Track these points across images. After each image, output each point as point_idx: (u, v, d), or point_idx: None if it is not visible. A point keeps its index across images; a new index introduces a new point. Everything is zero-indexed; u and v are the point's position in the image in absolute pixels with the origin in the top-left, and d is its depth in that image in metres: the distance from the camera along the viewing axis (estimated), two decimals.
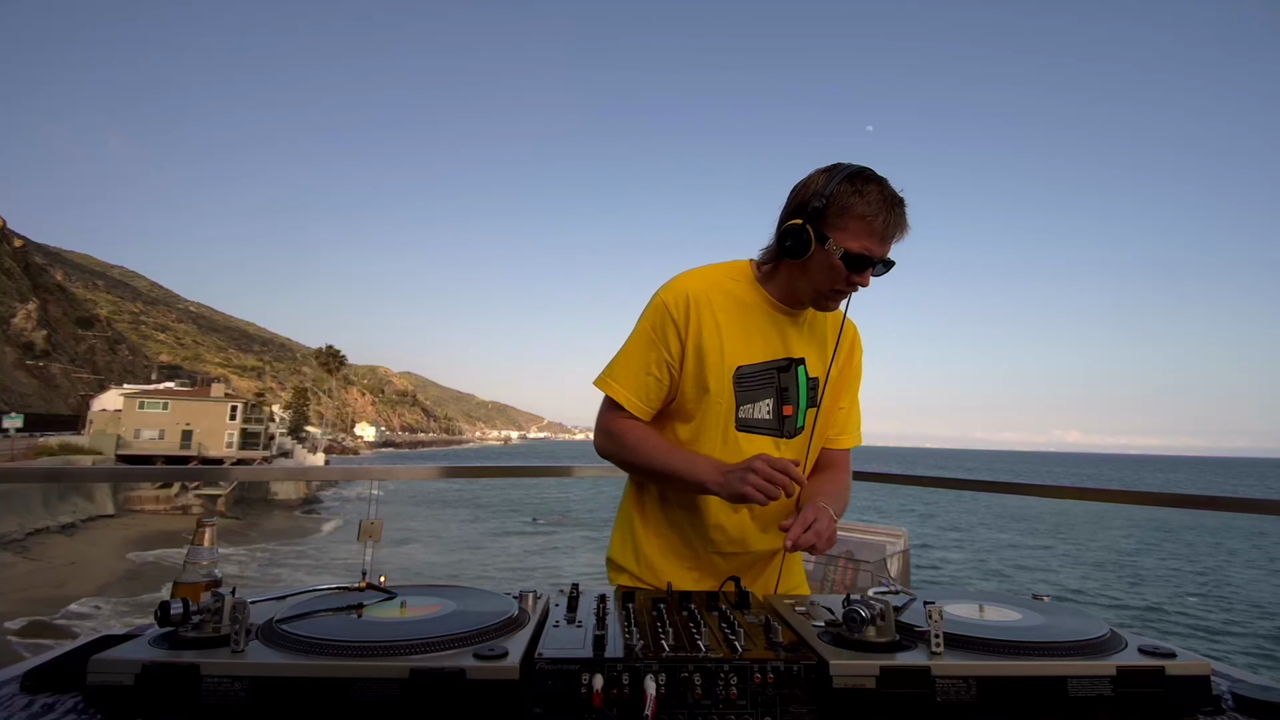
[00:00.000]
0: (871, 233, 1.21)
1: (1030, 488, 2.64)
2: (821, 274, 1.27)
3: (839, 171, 1.24)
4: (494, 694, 0.71)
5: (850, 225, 1.22)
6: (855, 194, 1.21)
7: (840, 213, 1.22)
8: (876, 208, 1.20)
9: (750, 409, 1.33)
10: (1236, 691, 0.82)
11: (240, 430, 47.86)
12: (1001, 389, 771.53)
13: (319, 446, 70.65)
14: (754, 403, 1.33)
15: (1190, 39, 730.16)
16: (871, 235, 1.22)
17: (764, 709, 0.74)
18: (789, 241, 1.26)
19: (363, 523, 2.40)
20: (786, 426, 1.36)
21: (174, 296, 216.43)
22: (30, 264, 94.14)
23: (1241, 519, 19.43)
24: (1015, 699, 0.77)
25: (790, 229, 1.26)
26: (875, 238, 1.22)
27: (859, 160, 1.27)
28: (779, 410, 1.35)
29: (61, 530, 25.45)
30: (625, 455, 1.35)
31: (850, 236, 1.22)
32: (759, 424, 1.34)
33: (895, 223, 1.22)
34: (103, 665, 0.73)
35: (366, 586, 1.00)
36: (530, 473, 2.89)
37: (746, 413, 1.33)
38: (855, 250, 1.22)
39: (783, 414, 1.35)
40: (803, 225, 1.25)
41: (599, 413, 1.40)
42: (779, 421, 1.35)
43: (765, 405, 1.34)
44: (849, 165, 1.26)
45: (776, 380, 1.35)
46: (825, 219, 1.23)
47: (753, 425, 1.34)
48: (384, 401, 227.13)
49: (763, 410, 1.34)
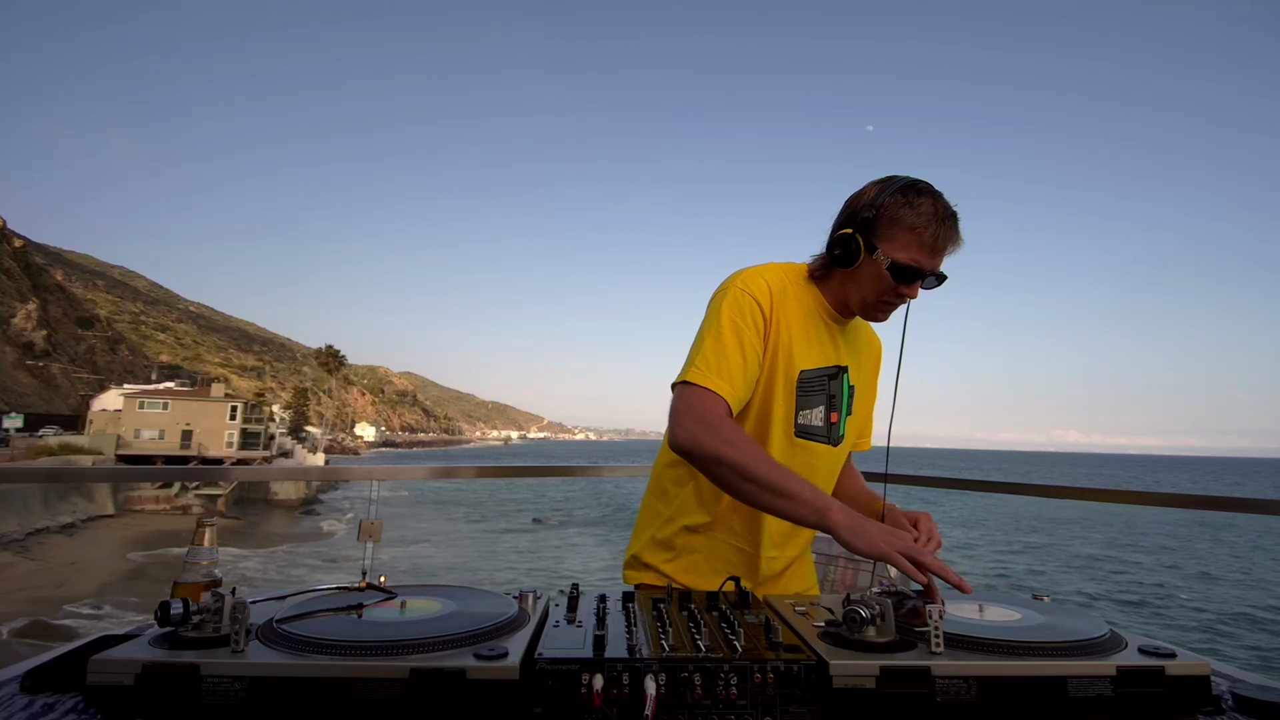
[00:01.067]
0: (921, 245, 1.21)
1: (1030, 488, 2.64)
2: (870, 284, 1.26)
3: (892, 183, 1.24)
4: (494, 694, 0.71)
5: (900, 236, 1.22)
6: (906, 205, 1.21)
7: (890, 224, 1.22)
8: (926, 220, 1.20)
9: (808, 415, 1.32)
10: (1236, 691, 0.82)
11: (240, 430, 47.88)
12: (1001, 389, 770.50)
13: (319, 446, 70.61)
14: (810, 409, 1.33)
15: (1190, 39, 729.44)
16: (921, 248, 1.21)
17: (764, 709, 0.74)
18: (838, 250, 1.26)
19: (363, 523, 2.40)
20: (833, 434, 1.36)
21: (174, 296, 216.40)
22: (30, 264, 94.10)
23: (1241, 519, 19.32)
24: (1015, 699, 0.77)
25: (840, 238, 1.26)
26: (925, 250, 1.21)
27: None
28: (828, 418, 1.35)
29: (61, 530, 25.45)
30: (727, 453, 1.13)
31: (899, 248, 1.22)
32: (814, 431, 1.33)
33: (946, 236, 1.21)
34: (103, 665, 0.73)
35: (366, 586, 1.00)
36: (532, 472, 2.89)
37: (805, 419, 1.32)
38: (903, 261, 1.22)
39: (830, 421, 1.35)
40: (853, 235, 1.24)
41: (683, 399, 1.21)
42: (828, 429, 1.35)
43: (818, 412, 1.33)
44: (903, 177, 1.25)
45: (828, 387, 1.34)
46: (875, 229, 1.23)
47: (809, 432, 1.33)
48: (384, 401, 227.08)
49: (816, 417, 1.33)
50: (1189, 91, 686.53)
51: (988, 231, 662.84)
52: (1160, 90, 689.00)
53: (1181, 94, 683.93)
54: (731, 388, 1.21)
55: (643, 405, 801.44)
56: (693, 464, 1.19)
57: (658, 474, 1.46)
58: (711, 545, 1.35)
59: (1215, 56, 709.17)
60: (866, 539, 1.04)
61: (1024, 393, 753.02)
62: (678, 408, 1.21)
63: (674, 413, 1.21)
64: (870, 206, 1.24)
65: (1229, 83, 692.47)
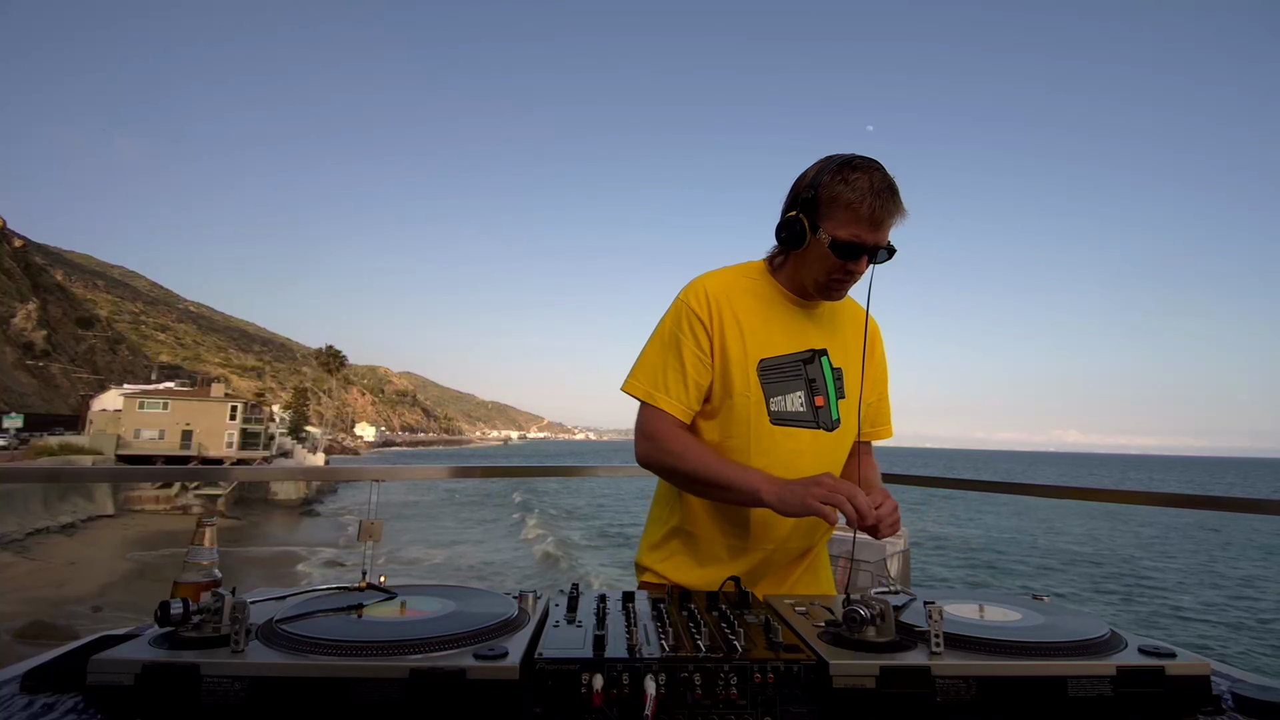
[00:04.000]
0: (859, 219, 1.22)
1: (1030, 488, 2.64)
2: (818, 263, 1.29)
3: (830, 162, 1.26)
4: (494, 694, 0.71)
5: (839, 214, 1.24)
6: (842, 182, 1.23)
7: (829, 201, 1.24)
8: (862, 194, 1.21)
9: (782, 401, 1.33)
10: (1236, 691, 0.82)
11: (240, 430, 47.87)
12: (1001, 389, 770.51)
13: (319, 446, 70.61)
14: (785, 395, 1.33)
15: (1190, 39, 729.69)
16: (859, 222, 1.22)
17: (764, 709, 0.74)
18: (785, 233, 1.29)
19: (362, 523, 2.40)
20: (821, 418, 1.35)
21: (174, 296, 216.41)
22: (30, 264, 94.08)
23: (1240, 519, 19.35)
24: (1015, 699, 0.77)
25: (785, 221, 1.29)
26: (864, 224, 1.22)
27: None
28: (811, 402, 1.35)
29: (61, 530, 25.44)
30: (670, 462, 1.28)
31: (839, 225, 1.24)
32: (794, 417, 1.34)
33: (884, 209, 1.22)
34: (103, 665, 0.73)
35: (366, 586, 1.00)
36: (534, 473, 2.89)
37: (779, 405, 1.33)
38: (844, 238, 1.24)
39: (815, 405, 1.35)
40: (797, 216, 1.27)
41: (638, 419, 1.34)
42: (814, 413, 1.35)
43: (797, 397, 1.34)
44: (841, 155, 1.27)
45: (804, 372, 1.35)
46: (817, 209, 1.26)
47: (787, 418, 1.33)
48: (384, 401, 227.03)
49: (795, 402, 1.34)
50: (1189, 91, 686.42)
51: (988, 231, 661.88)
52: (1160, 90, 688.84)
53: (1182, 93, 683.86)
54: (671, 399, 1.31)
55: None
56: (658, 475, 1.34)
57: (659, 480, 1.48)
58: (703, 544, 1.37)
59: (1215, 56, 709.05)
60: (791, 501, 1.12)
61: (1023, 393, 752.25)
62: (636, 427, 1.34)
63: (636, 432, 1.35)
64: (810, 186, 1.26)
65: (1229, 82, 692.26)
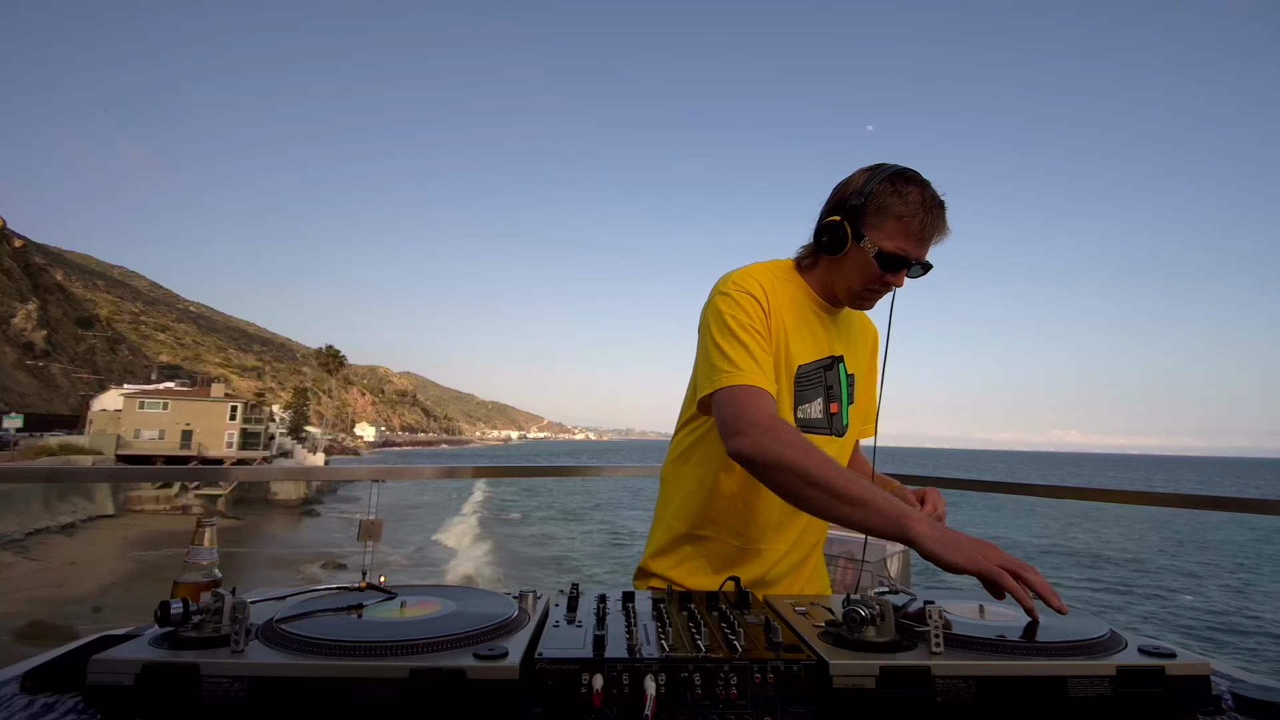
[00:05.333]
0: (908, 234, 1.21)
1: (1030, 488, 2.64)
2: (857, 272, 1.26)
3: (881, 171, 1.24)
4: (494, 694, 0.71)
5: (887, 225, 1.22)
6: (894, 194, 1.21)
7: (878, 211, 1.22)
8: (914, 208, 1.20)
9: (807, 409, 1.32)
10: (1236, 691, 0.82)
11: (240, 430, 47.85)
12: (1001, 389, 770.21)
13: (319, 446, 70.60)
14: (809, 402, 1.32)
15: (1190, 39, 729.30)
16: (908, 236, 1.21)
17: (764, 709, 0.74)
18: (825, 237, 1.27)
19: (362, 523, 2.40)
20: (835, 425, 1.35)
21: (174, 296, 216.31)
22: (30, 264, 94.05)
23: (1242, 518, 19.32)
24: (1015, 699, 0.77)
25: (828, 225, 1.26)
26: (912, 239, 1.21)
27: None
28: (828, 409, 1.34)
29: (61, 530, 25.43)
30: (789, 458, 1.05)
31: (886, 236, 1.22)
32: (814, 424, 1.33)
33: (933, 225, 1.21)
34: (103, 665, 0.73)
35: (366, 586, 1.00)
36: (532, 472, 2.89)
37: (804, 413, 1.32)
38: (890, 250, 1.22)
39: (830, 412, 1.34)
40: (840, 222, 1.25)
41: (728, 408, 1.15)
42: (829, 420, 1.34)
43: (817, 405, 1.33)
44: (892, 165, 1.25)
45: (824, 378, 1.34)
46: (863, 217, 1.23)
47: (810, 426, 1.32)
48: (384, 401, 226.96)
49: (815, 410, 1.33)
50: (1189, 91, 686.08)
51: (988, 231, 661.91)
52: (1160, 89, 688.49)
53: (1181, 93, 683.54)
54: (768, 381, 1.17)
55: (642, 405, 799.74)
56: (752, 471, 1.13)
57: (662, 478, 1.45)
58: (711, 546, 1.34)
59: (1216, 56, 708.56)
60: (959, 551, 0.92)
61: (1024, 393, 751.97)
62: (729, 414, 1.14)
63: (729, 420, 1.13)
64: (859, 194, 1.24)
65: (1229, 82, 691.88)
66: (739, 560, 1.33)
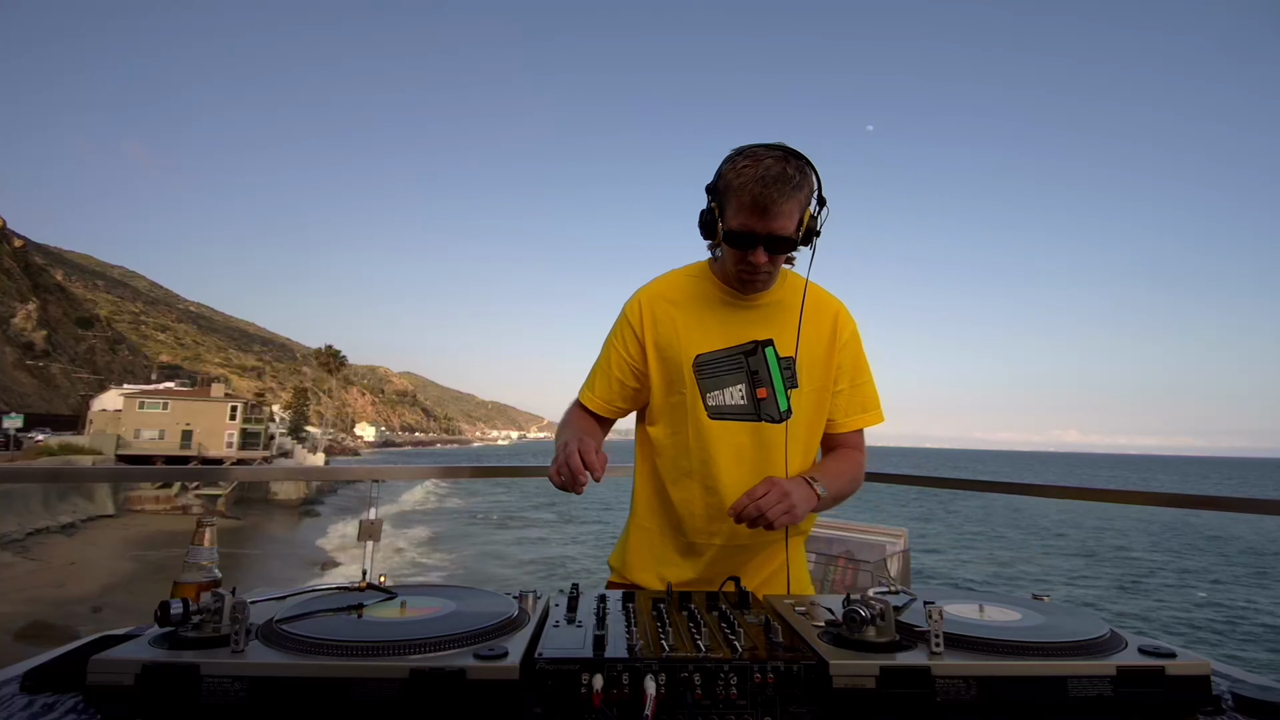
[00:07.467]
0: (743, 208, 1.20)
1: (1030, 488, 2.64)
2: (728, 255, 1.30)
3: (731, 152, 1.25)
4: (494, 694, 0.71)
5: (731, 203, 1.23)
6: (733, 172, 1.21)
7: (725, 192, 1.24)
8: (747, 182, 1.18)
9: (720, 395, 1.34)
10: (1236, 691, 0.82)
11: (240, 430, 47.86)
12: (1001, 389, 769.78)
13: (319, 446, 70.62)
14: (723, 389, 1.34)
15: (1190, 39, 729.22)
16: (746, 212, 1.20)
17: (764, 709, 0.74)
18: (700, 225, 1.30)
19: (362, 523, 2.40)
20: (764, 410, 1.35)
21: (174, 296, 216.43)
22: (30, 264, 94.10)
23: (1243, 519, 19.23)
24: (1015, 699, 0.77)
25: (700, 214, 1.29)
26: (753, 214, 1.20)
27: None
28: (753, 394, 1.34)
29: (61, 530, 25.44)
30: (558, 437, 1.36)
31: (732, 215, 1.23)
32: (732, 410, 1.34)
33: (768, 196, 1.17)
34: (103, 665, 0.73)
35: (366, 586, 1.00)
36: (532, 473, 2.89)
37: (716, 400, 1.34)
38: (734, 228, 1.23)
39: (758, 397, 1.34)
40: (710, 208, 1.27)
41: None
42: (754, 405, 1.35)
43: (737, 390, 1.34)
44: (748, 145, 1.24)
45: (745, 364, 1.35)
46: (720, 200, 1.26)
47: (725, 412, 1.34)
48: (384, 401, 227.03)
49: (735, 396, 1.34)
50: (1189, 90, 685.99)
51: (988, 231, 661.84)
52: (1160, 89, 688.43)
53: (1181, 93, 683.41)
54: (593, 395, 1.42)
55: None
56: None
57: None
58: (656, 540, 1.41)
59: (1215, 56, 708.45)
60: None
61: (1023, 393, 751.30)
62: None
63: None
64: (714, 178, 1.26)
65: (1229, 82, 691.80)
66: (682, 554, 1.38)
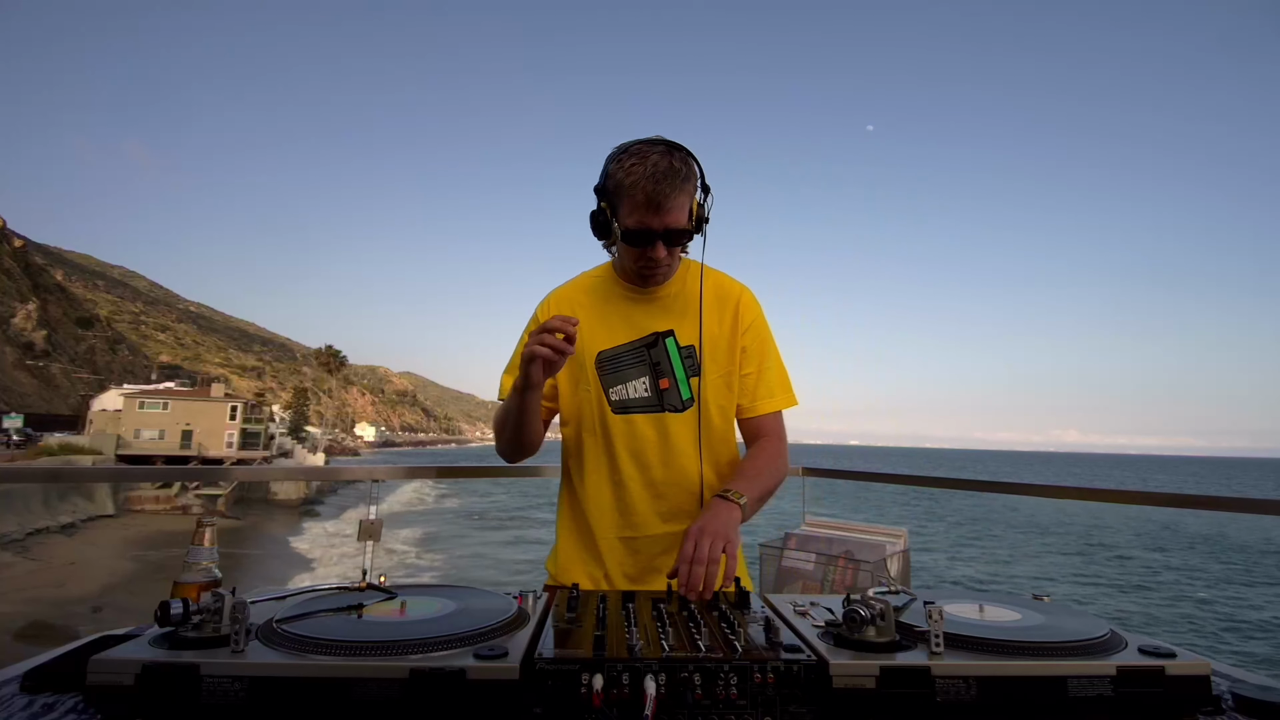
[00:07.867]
0: (637, 206, 1.21)
1: (1030, 488, 2.64)
2: (624, 252, 1.30)
3: (615, 151, 1.25)
4: (494, 694, 0.71)
5: (624, 203, 1.23)
6: (620, 171, 1.22)
7: (616, 191, 1.24)
8: (635, 179, 1.19)
9: (623, 390, 1.36)
10: (1236, 691, 0.81)
11: (240, 430, 47.87)
12: (1001, 389, 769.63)
13: (319, 446, 70.62)
14: (625, 383, 1.36)
15: (1190, 39, 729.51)
16: (641, 209, 1.21)
17: (764, 709, 0.74)
18: (593, 227, 1.30)
19: (362, 523, 2.40)
20: (667, 400, 1.36)
21: (174, 296, 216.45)
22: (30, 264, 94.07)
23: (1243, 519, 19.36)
24: (1015, 699, 0.77)
25: (592, 215, 1.29)
26: (647, 211, 1.21)
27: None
28: (656, 385, 1.36)
29: (61, 530, 25.43)
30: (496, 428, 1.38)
31: (625, 213, 1.24)
32: (636, 403, 1.36)
33: (660, 191, 1.18)
34: (103, 665, 0.73)
35: (366, 586, 1.00)
36: (532, 473, 2.89)
37: (619, 394, 1.36)
38: (631, 227, 1.24)
39: (660, 388, 1.36)
40: (601, 208, 1.27)
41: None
42: (658, 397, 1.36)
43: (641, 384, 1.36)
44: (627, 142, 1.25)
45: (647, 357, 1.37)
46: (611, 200, 1.26)
47: (629, 405, 1.36)
48: (384, 401, 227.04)
49: (638, 389, 1.36)
50: (1189, 91, 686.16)
51: (988, 231, 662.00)
52: (1160, 89, 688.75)
53: (1182, 94, 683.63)
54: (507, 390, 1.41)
55: None
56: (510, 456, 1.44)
57: None
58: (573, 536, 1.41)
59: (1215, 56, 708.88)
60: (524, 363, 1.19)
61: (1023, 393, 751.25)
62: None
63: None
64: (601, 178, 1.26)
65: (1229, 83, 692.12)
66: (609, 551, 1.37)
